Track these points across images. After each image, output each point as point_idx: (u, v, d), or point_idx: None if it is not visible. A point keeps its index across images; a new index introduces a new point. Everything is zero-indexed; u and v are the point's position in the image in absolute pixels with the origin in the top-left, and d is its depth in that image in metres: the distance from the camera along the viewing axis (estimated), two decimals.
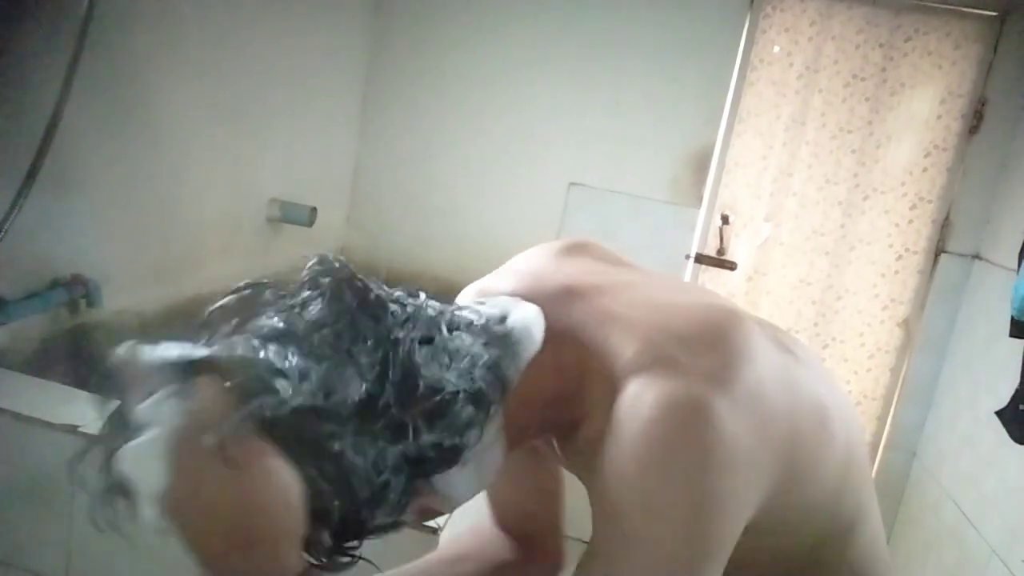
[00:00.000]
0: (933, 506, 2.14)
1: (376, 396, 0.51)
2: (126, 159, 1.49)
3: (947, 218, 2.24)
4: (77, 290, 1.38)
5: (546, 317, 0.62)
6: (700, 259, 2.39)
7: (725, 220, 2.39)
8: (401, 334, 0.54)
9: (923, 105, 2.24)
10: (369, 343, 0.52)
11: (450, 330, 0.58)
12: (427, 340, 0.56)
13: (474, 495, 0.62)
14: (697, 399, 0.52)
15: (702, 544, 0.52)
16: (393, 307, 0.56)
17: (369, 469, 0.51)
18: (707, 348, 0.56)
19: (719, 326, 0.59)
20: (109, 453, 0.48)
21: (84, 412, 1.08)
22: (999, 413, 1.64)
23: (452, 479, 0.57)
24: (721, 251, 2.41)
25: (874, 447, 2.40)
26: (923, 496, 2.23)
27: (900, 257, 2.32)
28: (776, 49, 2.32)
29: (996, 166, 2.16)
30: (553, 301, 0.63)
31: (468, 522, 0.89)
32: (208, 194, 1.80)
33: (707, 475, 0.52)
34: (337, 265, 0.55)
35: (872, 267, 2.34)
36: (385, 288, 0.59)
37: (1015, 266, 1.72)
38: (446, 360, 0.56)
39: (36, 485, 1.07)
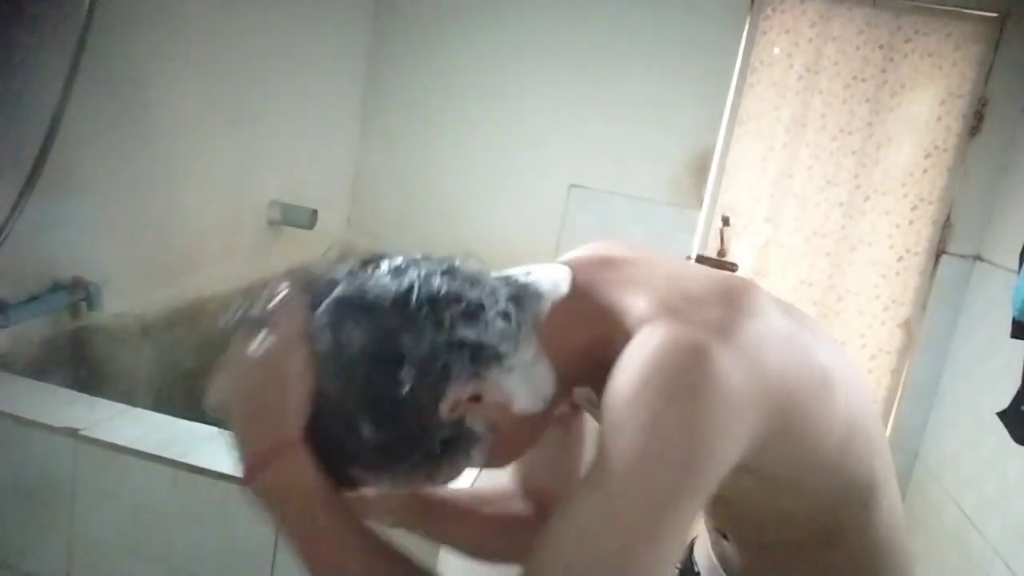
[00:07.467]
0: (935, 508, 2.13)
1: (408, 297, 0.60)
2: (127, 161, 1.49)
3: (948, 219, 2.24)
4: (78, 293, 1.38)
5: (576, 277, 0.69)
6: (701, 260, 2.39)
7: (726, 222, 2.39)
8: (424, 270, 0.63)
9: (923, 106, 2.24)
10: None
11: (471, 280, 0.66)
12: (448, 271, 0.63)
13: (531, 405, 0.65)
14: (696, 342, 0.57)
15: (687, 461, 0.56)
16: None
17: (412, 347, 0.58)
18: (713, 304, 0.62)
19: (729, 288, 0.65)
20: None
21: (85, 415, 1.08)
22: (1001, 414, 1.64)
23: (503, 381, 0.63)
24: (722, 252, 2.41)
25: None
26: (925, 498, 2.23)
27: (901, 258, 2.31)
28: (776, 51, 2.32)
29: (996, 167, 2.16)
30: (585, 265, 0.71)
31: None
32: (209, 196, 1.80)
33: (697, 404, 0.56)
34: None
35: (873, 268, 2.33)
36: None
37: (1016, 267, 1.71)
38: (467, 286, 0.63)
39: (37, 488, 1.06)
